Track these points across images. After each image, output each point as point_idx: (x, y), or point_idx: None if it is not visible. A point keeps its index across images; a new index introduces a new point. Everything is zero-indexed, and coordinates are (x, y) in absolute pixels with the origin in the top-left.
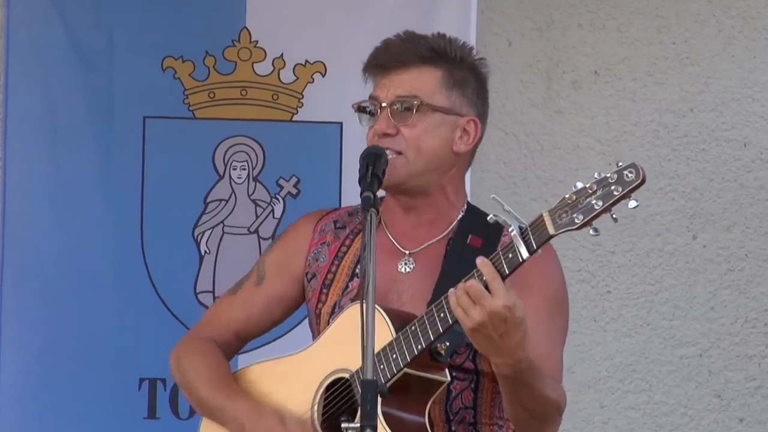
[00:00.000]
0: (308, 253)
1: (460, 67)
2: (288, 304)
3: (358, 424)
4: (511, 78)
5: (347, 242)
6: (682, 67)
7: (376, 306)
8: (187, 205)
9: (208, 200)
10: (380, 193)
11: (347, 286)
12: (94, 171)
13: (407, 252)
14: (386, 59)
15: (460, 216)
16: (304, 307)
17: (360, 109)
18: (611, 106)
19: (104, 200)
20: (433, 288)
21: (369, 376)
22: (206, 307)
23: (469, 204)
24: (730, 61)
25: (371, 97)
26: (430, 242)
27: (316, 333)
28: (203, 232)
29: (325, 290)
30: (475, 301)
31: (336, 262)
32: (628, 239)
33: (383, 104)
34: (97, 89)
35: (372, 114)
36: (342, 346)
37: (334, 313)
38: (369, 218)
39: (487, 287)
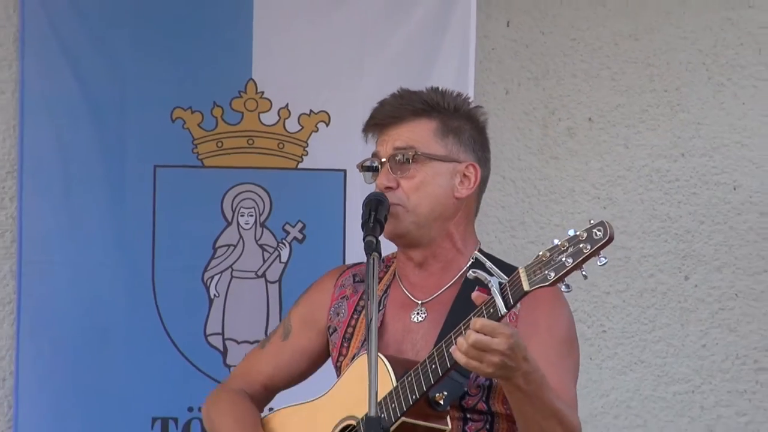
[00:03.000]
0: (330, 308)
1: (455, 116)
2: (313, 357)
3: None
4: (508, 125)
5: (357, 300)
6: (673, 113)
7: (379, 355)
8: (197, 251)
9: (217, 245)
10: (393, 248)
11: (362, 340)
12: (107, 219)
13: (419, 302)
14: (382, 117)
15: (469, 263)
16: None
17: (363, 168)
18: (605, 152)
19: (117, 247)
20: (437, 336)
21: (372, 413)
22: (216, 348)
23: (480, 251)
24: (720, 108)
25: (373, 155)
26: (440, 291)
27: (338, 376)
28: (212, 276)
29: (345, 344)
30: (485, 349)
31: (355, 316)
32: (623, 280)
33: (383, 159)
34: (109, 140)
35: (375, 170)
36: (351, 394)
37: (347, 365)
38: (371, 262)
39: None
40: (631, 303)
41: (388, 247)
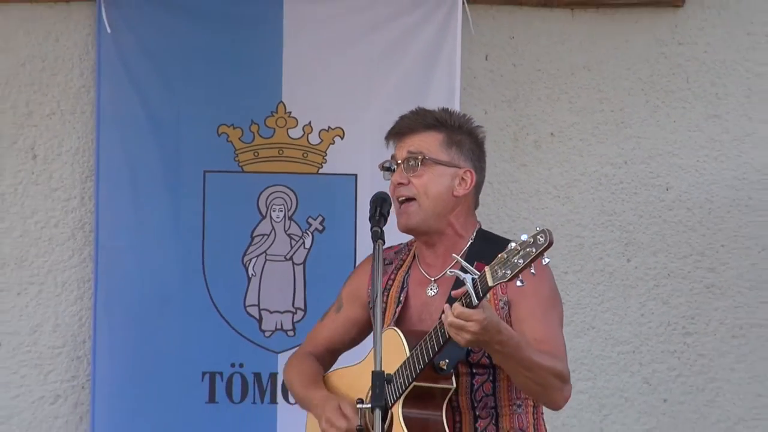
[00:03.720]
0: (368, 286)
1: (458, 132)
2: (360, 326)
3: (369, 405)
4: (486, 139)
5: (392, 276)
6: (618, 129)
7: (395, 328)
8: (238, 239)
9: (254, 234)
10: (409, 237)
11: (395, 313)
12: (166, 213)
13: (432, 279)
14: (401, 128)
15: (469, 243)
16: None
17: (383, 168)
18: (564, 160)
19: (173, 235)
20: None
21: (378, 368)
22: (253, 316)
23: (480, 231)
24: (656, 125)
25: (391, 157)
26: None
27: None
28: (250, 260)
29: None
30: (461, 329)
31: (385, 293)
32: (578, 262)
33: (399, 161)
34: (167, 150)
35: (391, 170)
36: (389, 359)
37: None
38: (377, 248)
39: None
40: (584, 281)
41: (400, 237)
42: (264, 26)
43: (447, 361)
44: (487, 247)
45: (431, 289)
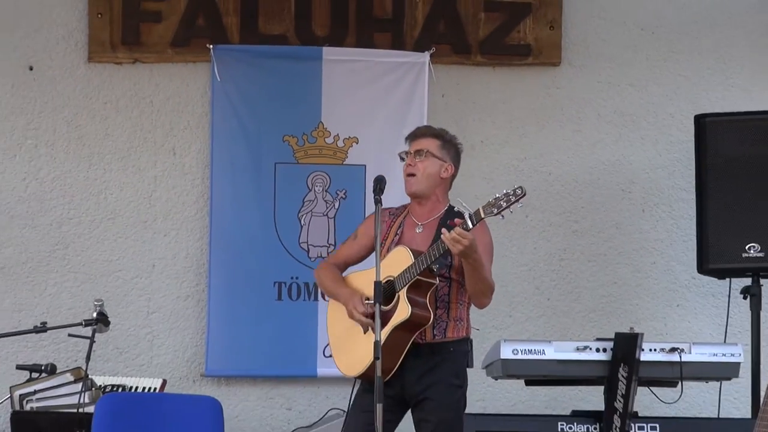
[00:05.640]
0: (372, 228)
1: (449, 143)
2: (367, 250)
3: (372, 300)
4: None
5: (393, 221)
6: (521, 138)
7: (404, 246)
8: (295, 203)
9: (304, 200)
10: (407, 200)
11: (394, 240)
12: (252, 188)
13: (420, 223)
14: (416, 133)
15: (445, 209)
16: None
17: (401, 156)
18: (489, 157)
19: (257, 201)
20: (431, 240)
21: (378, 279)
22: (304, 249)
23: (449, 205)
24: (544, 137)
25: (407, 151)
26: (429, 219)
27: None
28: (302, 215)
29: (387, 243)
30: (460, 239)
31: (390, 230)
32: (498, 218)
33: (411, 152)
34: (253, 151)
35: (404, 157)
36: (389, 266)
37: (389, 252)
38: (377, 210)
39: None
40: (501, 229)
41: (402, 200)
42: (310, 76)
43: (436, 267)
44: (453, 214)
45: (418, 229)
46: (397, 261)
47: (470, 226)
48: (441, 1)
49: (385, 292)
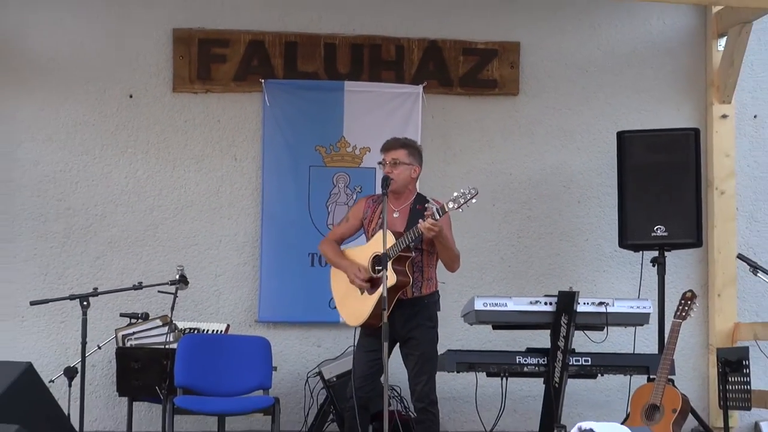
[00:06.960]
0: (363, 211)
1: (414, 149)
2: (356, 230)
3: (380, 267)
4: (430, 153)
5: (376, 207)
6: (490, 148)
7: (389, 229)
8: (323, 195)
9: (331, 193)
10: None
11: (377, 224)
12: (292, 185)
13: (396, 210)
14: (388, 146)
15: (414, 197)
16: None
17: (380, 164)
18: (465, 162)
19: (296, 195)
20: (405, 223)
21: (384, 251)
22: (330, 229)
23: (418, 193)
24: (506, 148)
25: (384, 160)
26: (403, 206)
27: (368, 239)
28: (329, 204)
29: (370, 225)
30: (433, 227)
31: (374, 214)
32: (473, 208)
33: (387, 161)
34: (293, 157)
35: (383, 165)
36: (375, 245)
37: (374, 232)
38: (385, 199)
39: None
40: (473, 215)
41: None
42: (335, 102)
43: (413, 245)
44: (420, 199)
45: (395, 214)
46: (381, 243)
47: (438, 217)
48: (431, 48)
49: (377, 264)
